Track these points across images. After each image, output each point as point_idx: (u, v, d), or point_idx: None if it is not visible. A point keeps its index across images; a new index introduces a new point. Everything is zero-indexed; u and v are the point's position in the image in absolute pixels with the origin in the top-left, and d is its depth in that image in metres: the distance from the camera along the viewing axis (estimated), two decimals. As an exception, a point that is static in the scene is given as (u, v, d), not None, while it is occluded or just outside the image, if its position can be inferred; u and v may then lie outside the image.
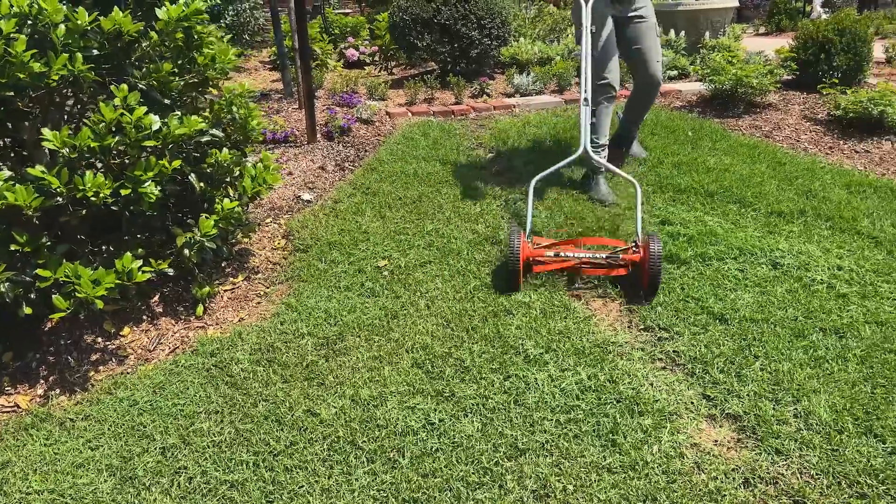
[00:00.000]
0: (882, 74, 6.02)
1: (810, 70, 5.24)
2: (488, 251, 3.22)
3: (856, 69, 5.18)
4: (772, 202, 3.60)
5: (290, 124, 4.83)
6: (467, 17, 5.89)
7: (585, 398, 2.30)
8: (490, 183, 3.98)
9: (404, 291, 2.92)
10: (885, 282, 2.91)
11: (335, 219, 3.55)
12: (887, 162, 4.23)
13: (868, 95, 4.50)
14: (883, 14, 13.76)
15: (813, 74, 5.21)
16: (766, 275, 2.97)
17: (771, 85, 4.93)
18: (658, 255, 2.70)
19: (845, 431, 2.13)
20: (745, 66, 4.91)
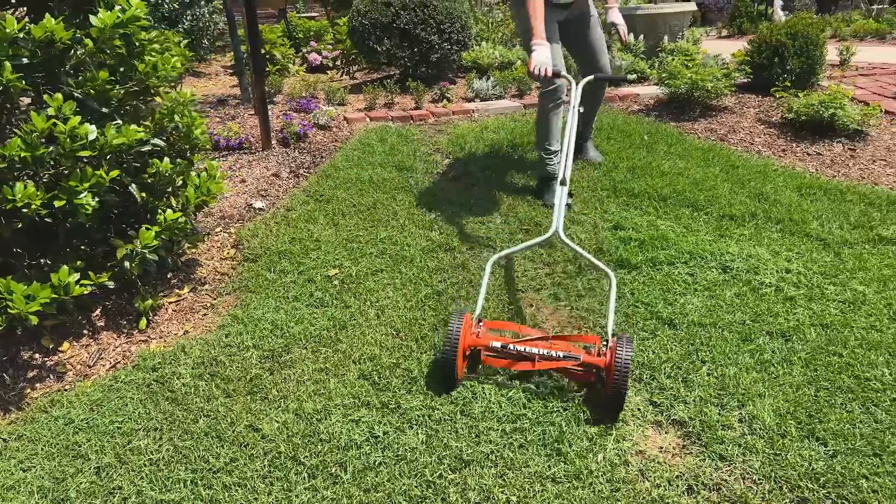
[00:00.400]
0: (835, 77, 6.11)
1: (765, 73, 5.30)
2: (441, 258, 3.19)
3: (809, 72, 5.26)
4: (724, 205, 3.62)
5: (245, 131, 4.76)
6: (427, 22, 5.87)
7: (532, 407, 2.28)
8: (446, 189, 3.96)
9: (354, 301, 2.88)
10: (832, 284, 2.94)
11: (287, 227, 3.50)
12: (838, 164, 4.28)
13: (819, 98, 4.56)
14: (841, 16, 14.04)
15: (767, 78, 5.27)
16: (716, 279, 2.98)
17: (726, 88, 4.98)
18: (627, 361, 2.15)
19: (788, 435, 2.14)
20: (700, 69, 4.96)
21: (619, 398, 2.17)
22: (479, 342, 2.37)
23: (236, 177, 4.10)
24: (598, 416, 2.22)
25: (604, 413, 2.24)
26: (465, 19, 6.15)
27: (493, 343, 2.35)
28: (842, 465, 2.02)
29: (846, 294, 2.86)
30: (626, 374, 2.14)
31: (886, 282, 2.95)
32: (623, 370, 2.14)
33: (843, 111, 4.49)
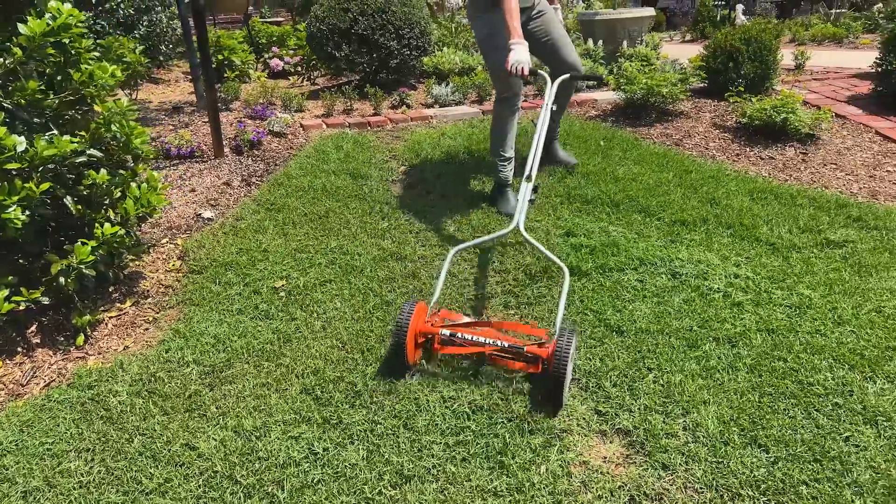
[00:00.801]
0: (789, 81, 6.20)
1: (720, 78, 5.36)
2: (392, 267, 3.15)
3: (763, 77, 5.32)
4: (676, 211, 3.64)
5: (198, 138, 4.68)
6: (385, 28, 5.84)
7: (477, 419, 2.25)
8: (401, 196, 3.92)
9: (300, 313, 2.83)
10: (779, 288, 2.96)
11: (235, 237, 3.43)
12: (790, 168, 4.33)
13: (772, 103, 4.61)
14: (800, 21, 14.29)
15: (723, 82, 5.33)
16: (665, 285, 2.98)
17: (681, 94, 5.02)
18: (565, 353, 2.21)
19: (731, 443, 2.13)
20: (655, 75, 4.99)
21: (557, 387, 2.24)
22: (431, 329, 2.43)
23: (186, 186, 4.02)
24: (543, 426, 2.20)
25: (548, 407, 2.28)
26: (425, 25, 6.12)
27: (443, 331, 2.41)
28: (782, 472, 2.02)
29: (793, 298, 2.88)
30: (564, 363, 2.21)
31: (832, 285, 2.97)
32: (562, 360, 2.21)
33: (795, 116, 4.55)
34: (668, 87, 4.88)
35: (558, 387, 2.24)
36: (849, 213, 3.64)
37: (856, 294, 2.91)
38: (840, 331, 2.67)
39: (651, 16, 6.97)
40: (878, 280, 3.02)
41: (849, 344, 2.59)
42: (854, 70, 6.74)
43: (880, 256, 3.22)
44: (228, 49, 6.95)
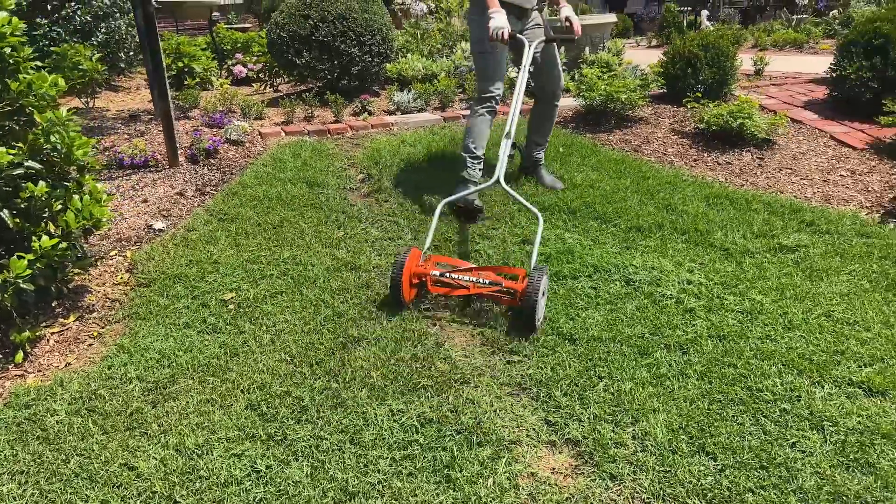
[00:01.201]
0: (748, 87, 6.28)
1: (679, 84, 5.41)
2: (346, 278, 3.11)
3: (721, 83, 5.38)
4: (632, 217, 3.65)
5: (153, 147, 4.59)
6: (346, 34, 5.79)
7: (425, 432, 2.22)
8: (358, 205, 3.88)
9: (249, 326, 2.78)
10: (731, 294, 2.97)
11: (185, 249, 3.37)
12: (746, 173, 4.38)
13: (729, 109, 4.66)
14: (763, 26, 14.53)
15: (681, 88, 5.37)
16: (619, 292, 2.98)
17: (640, 100, 5.05)
18: (536, 288, 2.62)
19: (679, 451, 2.13)
20: (614, 82, 5.01)
21: (530, 314, 2.65)
22: (423, 271, 2.84)
23: (138, 196, 3.94)
24: (492, 437, 2.17)
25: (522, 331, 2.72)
26: (386, 31, 6.09)
27: (433, 272, 2.83)
28: (729, 480, 2.02)
29: (744, 304, 2.89)
30: (535, 292, 2.62)
31: (784, 290, 3.00)
32: (532, 292, 2.62)
33: (752, 121, 4.60)
34: (626, 94, 4.90)
35: (531, 313, 2.65)
36: (802, 218, 3.68)
37: (806, 299, 2.94)
38: (790, 336, 2.69)
39: (613, 22, 7.01)
40: (829, 284, 3.05)
41: (798, 349, 2.61)
42: (812, 75, 6.85)
43: (831, 261, 3.25)
44: (189, 56, 6.85)
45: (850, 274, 3.15)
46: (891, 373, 2.46)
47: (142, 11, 3.91)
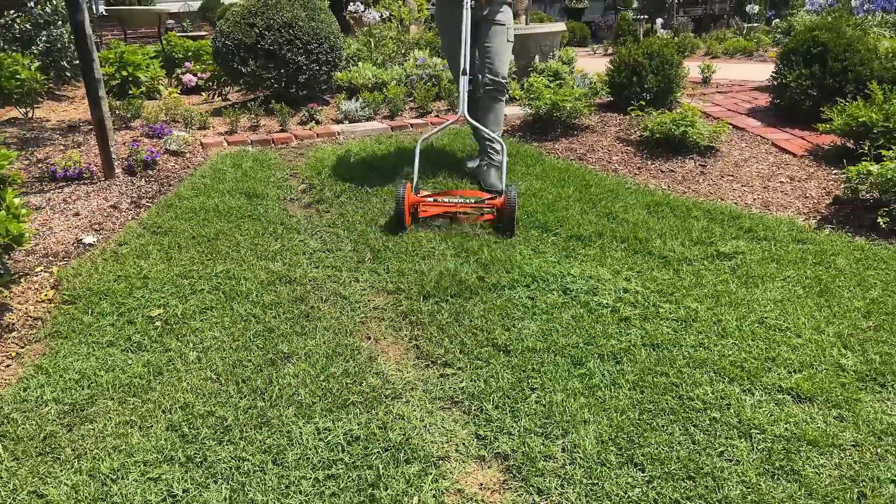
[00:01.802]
0: (695, 94, 6.36)
1: (625, 92, 5.45)
2: (280, 292, 3.04)
3: (667, 91, 5.43)
4: (573, 226, 3.64)
5: (89, 159, 4.46)
6: (293, 43, 5.72)
7: (351, 450, 2.17)
8: (297, 216, 3.81)
9: (176, 343, 2.69)
10: (667, 302, 2.97)
11: (115, 264, 3.26)
12: (688, 180, 4.42)
13: (671, 117, 4.70)
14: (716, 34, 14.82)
15: (628, 97, 5.42)
16: (555, 301, 2.96)
17: (585, 108, 5.07)
18: (513, 201, 3.47)
19: (607, 463, 2.11)
20: (559, 90, 5.03)
21: (510, 223, 3.51)
22: (418, 199, 3.58)
23: (70, 210, 3.81)
24: (420, 454, 2.13)
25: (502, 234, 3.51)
26: (335, 40, 6.04)
27: (427, 198, 3.61)
28: (656, 492, 2.00)
29: (680, 312, 2.90)
30: (513, 206, 3.47)
31: (719, 297, 3.01)
32: (511, 204, 3.47)
33: (694, 129, 4.65)
34: (571, 102, 4.92)
35: (511, 222, 3.50)
36: (741, 225, 3.72)
37: (741, 306, 2.96)
38: (723, 343, 2.70)
39: (562, 31, 7.06)
40: (764, 291, 3.08)
41: (730, 356, 2.62)
42: (757, 83, 6.98)
43: (767, 267, 3.29)
44: (133, 65, 6.70)
45: (784, 280, 3.18)
46: (819, 378, 2.48)
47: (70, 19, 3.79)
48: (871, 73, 5.18)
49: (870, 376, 2.51)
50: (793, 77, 5.28)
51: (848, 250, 3.47)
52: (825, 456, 2.15)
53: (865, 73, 5.17)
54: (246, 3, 5.93)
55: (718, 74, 7.61)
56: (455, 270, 3.19)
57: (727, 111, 5.82)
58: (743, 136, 5.20)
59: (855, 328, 2.81)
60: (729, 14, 19.09)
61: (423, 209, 3.65)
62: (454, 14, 4.01)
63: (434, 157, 4.74)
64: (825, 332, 2.78)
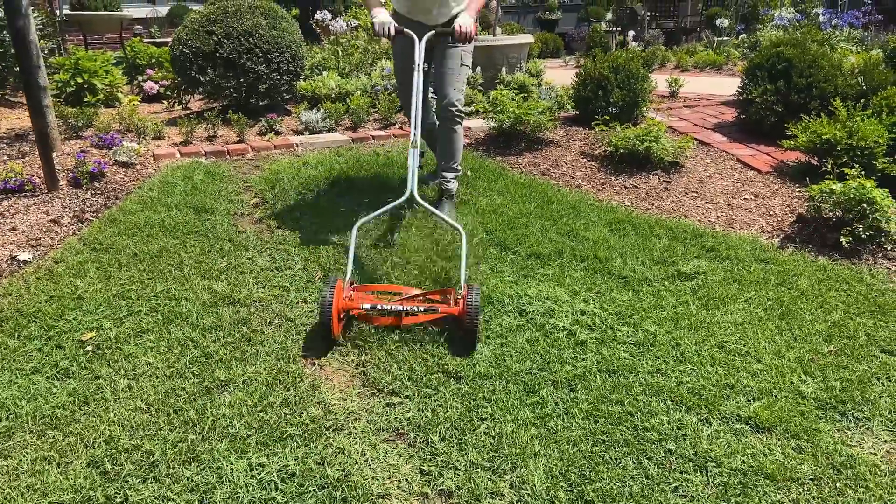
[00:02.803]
0: (662, 109, 6.32)
1: (590, 106, 5.39)
2: (221, 314, 2.89)
3: (632, 105, 5.38)
4: (533, 244, 3.54)
5: (32, 170, 4.27)
6: (252, 51, 5.58)
7: (285, 488, 2.03)
8: (247, 232, 3.66)
9: (106, 370, 2.53)
10: (625, 325, 2.88)
11: (49, 283, 3.09)
12: (652, 197, 4.35)
13: (636, 132, 4.64)
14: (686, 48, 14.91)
15: (593, 111, 5.35)
16: (510, 324, 2.86)
17: (549, 122, 4.99)
18: (476, 308, 2.63)
19: (557, 500, 1.99)
20: (522, 103, 4.94)
21: (472, 336, 2.68)
22: (352, 305, 2.73)
23: (6, 225, 3.62)
24: (359, 491, 2.00)
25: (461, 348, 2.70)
26: (296, 49, 5.90)
27: (363, 305, 2.74)
28: (606, 532, 1.90)
29: (638, 335, 2.81)
30: (476, 316, 2.63)
31: (679, 320, 2.93)
32: (473, 314, 2.63)
33: (659, 144, 4.59)
34: (535, 116, 4.83)
35: (473, 336, 2.68)
36: (703, 244, 3.65)
37: (701, 329, 2.87)
38: (681, 369, 2.61)
39: (529, 43, 7.00)
40: (724, 313, 3.00)
41: (688, 383, 2.53)
42: (725, 97, 6.97)
43: (729, 288, 3.21)
44: (89, 72, 6.50)
45: (745, 302, 3.11)
46: (778, 407, 2.40)
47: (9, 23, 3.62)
48: (836, 89, 5.18)
49: (830, 404, 2.44)
50: (758, 93, 5.26)
51: (810, 271, 3.41)
52: (783, 491, 2.06)
53: (830, 89, 5.17)
54: (205, 9, 5.78)
55: (687, 88, 7.60)
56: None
57: (693, 126, 5.78)
58: (708, 152, 5.16)
59: (815, 352, 2.74)
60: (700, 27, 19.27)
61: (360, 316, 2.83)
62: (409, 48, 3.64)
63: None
64: (785, 356, 2.71)
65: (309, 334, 2.79)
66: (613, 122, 5.08)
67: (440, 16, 3.66)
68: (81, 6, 11.91)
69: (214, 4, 5.80)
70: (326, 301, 2.61)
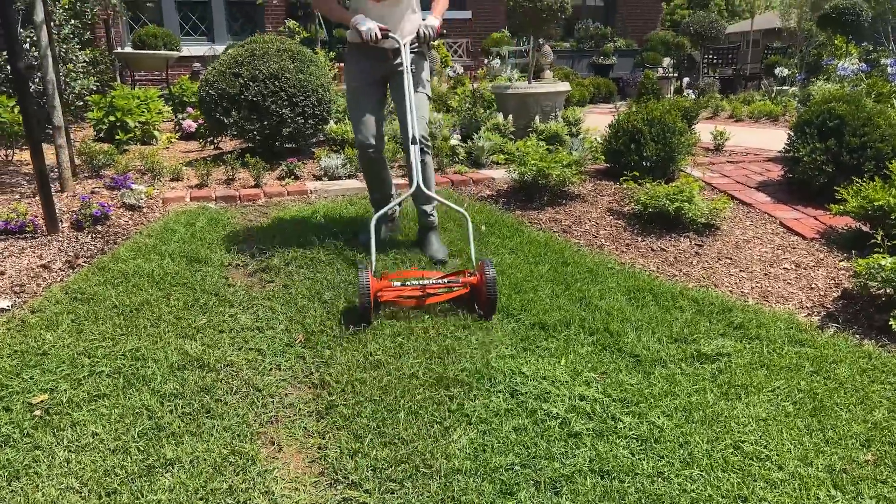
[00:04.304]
0: (703, 164, 5.96)
1: (622, 160, 5.09)
2: (186, 379, 2.67)
3: (667, 160, 5.05)
4: (538, 312, 3.24)
5: (38, 210, 4.21)
6: (277, 94, 5.49)
7: None
8: (237, 285, 3.47)
9: (49, 439, 2.33)
10: (629, 414, 2.54)
11: (18, 334, 2.94)
12: (681, 262, 4.00)
13: (665, 191, 4.32)
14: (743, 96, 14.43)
15: (625, 164, 5.05)
16: (499, 407, 2.55)
17: (574, 176, 4.70)
18: (492, 279, 3.08)
19: None
20: (546, 155, 4.68)
21: (492, 303, 3.13)
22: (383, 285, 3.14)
23: (-6, 268, 3.54)
24: None
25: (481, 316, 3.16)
26: (323, 93, 5.80)
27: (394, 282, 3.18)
28: None
29: (642, 428, 2.47)
30: (493, 285, 3.08)
31: (692, 411, 2.57)
32: (491, 284, 3.08)
33: (691, 205, 4.25)
34: (559, 170, 4.56)
35: (493, 303, 3.13)
36: (731, 320, 3.28)
37: (716, 423, 2.51)
38: (687, 474, 2.26)
39: (566, 91, 6.77)
40: (746, 405, 2.63)
41: (693, 492, 2.17)
42: (774, 152, 6.55)
43: (754, 374, 2.84)
44: (121, 110, 6.54)
45: (772, 392, 2.73)
46: (798, 532, 2.03)
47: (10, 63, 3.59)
48: (894, 150, 4.76)
49: (862, 532, 2.06)
50: (805, 151, 4.88)
51: (852, 357, 3.01)
52: None
53: (887, 150, 4.75)
54: (234, 52, 5.75)
55: (736, 140, 7.22)
56: (385, 362, 2.80)
57: (735, 183, 5.41)
58: (749, 213, 4.78)
59: (850, 460, 2.35)
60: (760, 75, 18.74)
61: (384, 294, 3.17)
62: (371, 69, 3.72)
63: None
64: (813, 463, 2.33)
65: (276, 406, 2.55)
66: (646, 178, 4.76)
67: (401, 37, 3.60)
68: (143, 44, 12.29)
69: (244, 47, 5.78)
70: (364, 285, 2.96)
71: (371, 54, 3.68)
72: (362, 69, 3.72)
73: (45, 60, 4.24)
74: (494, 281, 3.07)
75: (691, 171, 5.50)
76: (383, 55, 3.70)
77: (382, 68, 3.74)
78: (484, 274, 3.07)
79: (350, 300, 3.29)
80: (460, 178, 5.34)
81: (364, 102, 3.73)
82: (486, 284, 3.07)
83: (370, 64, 3.71)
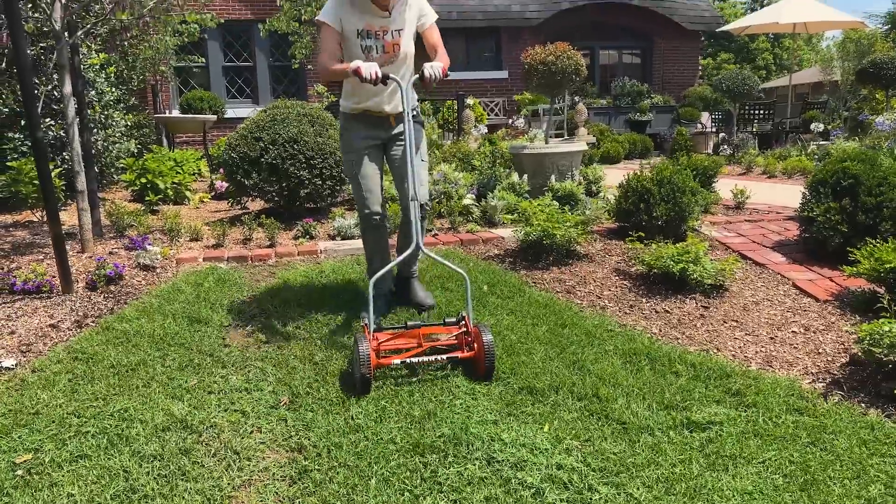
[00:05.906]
0: (719, 223, 5.88)
1: (632, 219, 5.07)
2: (167, 441, 2.71)
3: (678, 219, 5.01)
4: (528, 376, 3.21)
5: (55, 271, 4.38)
6: (296, 157, 5.68)
7: None
8: (232, 346, 3.54)
9: (26, 500, 2.38)
10: (607, 484, 2.48)
11: (15, 393, 3.04)
12: (684, 324, 3.93)
13: (671, 251, 4.27)
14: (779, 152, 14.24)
15: (635, 224, 5.03)
16: (472, 475, 2.52)
17: (580, 237, 4.70)
18: (491, 349, 3.11)
19: None
20: (553, 214, 4.69)
21: (489, 371, 3.16)
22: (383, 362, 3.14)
23: (6, 328, 3.67)
24: None
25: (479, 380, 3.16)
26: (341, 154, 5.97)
27: (394, 361, 3.16)
28: None
29: (618, 499, 2.40)
30: (493, 357, 3.12)
31: (674, 482, 2.50)
32: (490, 356, 3.11)
33: (697, 266, 4.19)
34: (563, 230, 4.56)
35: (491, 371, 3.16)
36: (728, 386, 3.20)
37: (698, 496, 2.43)
38: (659, 552, 2.18)
39: (582, 150, 6.81)
40: (732, 477, 2.54)
41: (663, 573, 2.10)
42: (794, 210, 6.44)
43: (746, 444, 2.75)
44: (153, 172, 6.83)
45: (763, 464, 2.63)
46: None
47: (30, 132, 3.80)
48: (911, 209, 4.64)
49: None
50: (820, 210, 4.79)
51: (853, 428, 2.88)
52: None
53: (904, 209, 4.64)
54: (257, 117, 5.98)
55: (761, 198, 7.13)
56: (365, 426, 2.80)
57: (751, 243, 5.32)
58: (761, 274, 4.69)
59: (837, 540, 2.24)
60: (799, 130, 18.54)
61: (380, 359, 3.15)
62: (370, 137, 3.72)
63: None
64: (797, 544, 2.23)
65: (251, 470, 2.56)
66: (654, 238, 4.73)
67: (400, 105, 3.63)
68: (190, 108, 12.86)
69: (266, 112, 6.01)
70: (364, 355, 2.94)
71: (370, 122, 3.71)
72: (361, 137, 3.72)
73: (70, 129, 4.48)
74: (492, 349, 3.10)
75: (706, 231, 5.44)
76: (382, 122, 3.74)
77: (381, 136, 3.78)
78: (484, 344, 3.09)
79: (341, 364, 3.31)
80: (471, 237, 5.38)
81: (366, 171, 3.72)
82: (486, 357, 3.10)
83: (369, 132, 3.74)
